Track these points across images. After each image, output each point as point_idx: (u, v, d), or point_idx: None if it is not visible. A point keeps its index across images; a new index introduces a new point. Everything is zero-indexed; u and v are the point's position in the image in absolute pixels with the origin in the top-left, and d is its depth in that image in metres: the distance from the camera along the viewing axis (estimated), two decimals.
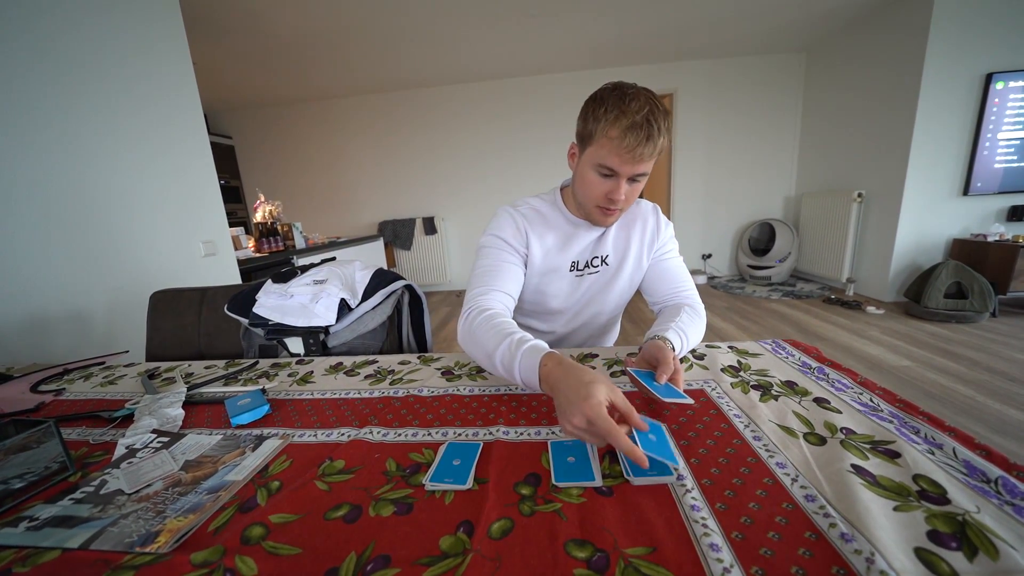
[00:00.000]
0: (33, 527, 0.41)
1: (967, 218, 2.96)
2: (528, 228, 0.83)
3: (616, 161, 0.68)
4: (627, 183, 0.72)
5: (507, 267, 0.79)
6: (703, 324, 0.79)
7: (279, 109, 4.51)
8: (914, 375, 1.98)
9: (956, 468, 0.41)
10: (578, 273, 0.87)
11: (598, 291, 0.89)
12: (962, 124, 2.79)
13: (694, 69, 3.94)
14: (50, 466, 0.50)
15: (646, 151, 0.66)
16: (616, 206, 0.75)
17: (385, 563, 0.35)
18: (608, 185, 0.72)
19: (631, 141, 0.65)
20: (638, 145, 0.65)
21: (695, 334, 0.74)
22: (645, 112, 0.65)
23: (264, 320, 0.95)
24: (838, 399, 0.56)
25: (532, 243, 0.83)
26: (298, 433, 0.57)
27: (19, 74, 1.29)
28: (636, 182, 0.73)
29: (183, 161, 1.84)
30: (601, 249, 0.86)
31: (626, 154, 0.67)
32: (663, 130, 0.66)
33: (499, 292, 0.76)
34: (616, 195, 0.72)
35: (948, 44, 2.66)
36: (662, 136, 0.66)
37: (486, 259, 0.81)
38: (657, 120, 0.65)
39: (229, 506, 0.43)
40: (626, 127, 0.65)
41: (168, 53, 1.81)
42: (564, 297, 0.89)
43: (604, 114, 0.67)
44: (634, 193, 0.75)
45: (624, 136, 0.65)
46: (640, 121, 0.64)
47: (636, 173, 0.70)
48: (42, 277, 1.33)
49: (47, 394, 0.78)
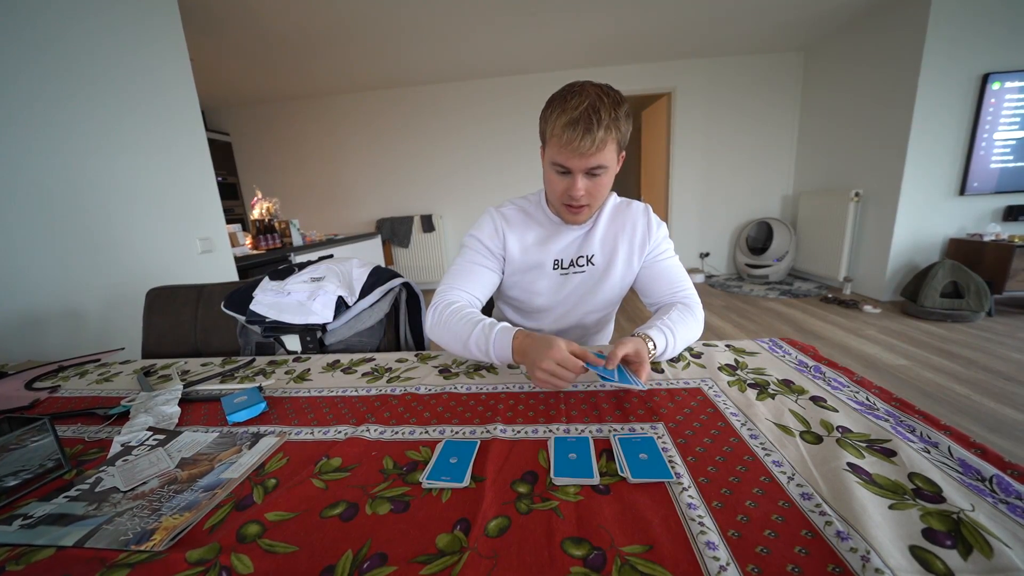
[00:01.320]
0: (27, 525, 0.41)
1: (963, 218, 2.97)
2: (506, 228, 0.86)
3: (563, 157, 0.70)
4: (585, 178, 0.72)
5: (477, 269, 0.84)
6: (697, 322, 0.78)
7: (277, 106, 4.48)
8: (910, 374, 1.99)
9: (951, 467, 0.41)
10: (563, 271, 0.87)
11: (586, 291, 0.89)
12: (959, 124, 2.80)
13: (692, 68, 3.94)
14: (45, 464, 0.49)
15: (585, 144, 0.66)
16: (577, 202, 0.75)
17: (382, 561, 0.35)
18: (565, 182, 0.74)
19: (570, 135, 0.67)
20: (577, 139, 0.66)
21: (685, 331, 0.73)
22: (584, 107, 0.66)
23: (261, 317, 0.95)
24: (834, 398, 0.56)
25: (509, 242, 0.86)
26: (295, 431, 0.57)
27: (15, 70, 1.28)
28: (595, 176, 0.72)
29: (180, 158, 1.83)
30: (587, 249, 0.86)
31: (569, 149, 0.68)
32: (607, 122, 0.66)
33: (464, 292, 0.81)
34: (574, 191, 0.73)
35: (945, 44, 2.66)
36: (604, 128, 0.66)
37: (461, 259, 0.86)
38: (599, 112, 0.66)
39: (225, 504, 0.43)
40: (565, 123, 0.67)
41: (165, 49, 1.79)
42: (549, 295, 0.89)
43: (550, 114, 0.71)
44: (597, 188, 0.74)
45: (563, 132, 0.67)
46: (578, 116, 0.66)
47: (588, 167, 0.70)
48: (37, 273, 1.32)
49: (42, 391, 0.77)
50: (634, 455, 0.46)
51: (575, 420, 0.55)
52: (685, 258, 4.45)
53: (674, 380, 0.65)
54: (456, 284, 0.82)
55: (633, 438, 0.49)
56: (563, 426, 0.54)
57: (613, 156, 0.72)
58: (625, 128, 0.71)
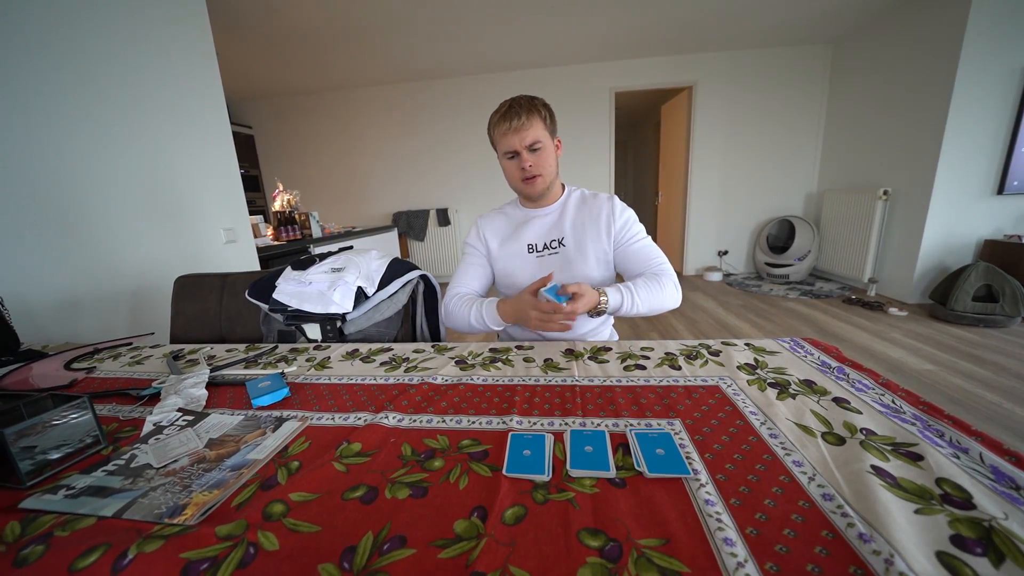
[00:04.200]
0: (71, 495, 0.44)
1: (1000, 218, 2.83)
2: (485, 228, 1.06)
3: (505, 142, 0.91)
4: (528, 153, 0.91)
5: (472, 268, 1.05)
6: (662, 288, 0.90)
7: (297, 99, 4.55)
8: (937, 379, 1.92)
9: (982, 473, 0.40)
10: (538, 254, 1.01)
11: (562, 269, 1.00)
12: (999, 120, 2.66)
13: (714, 61, 3.83)
14: (84, 439, 0.52)
15: (516, 123, 0.88)
16: (529, 173, 0.93)
17: (401, 543, 0.36)
18: (516, 163, 0.94)
19: (504, 123, 0.90)
20: (510, 120, 0.89)
21: (648, 294, 0.88)
22: (509, 103, 0.90)
23: (283, 306, 0.97)
24: (858, 399, 0.55)
25: (488, 238, 1.05)
26: (316, 416, 0.59)
27: (57, 68, 1.34)
28: (536, 150, 0.91)
29: (208, 153, 1.88)
30: (556, 233, 1.01)
31: (508, 131, 0.89)
32: (528, 107, 0.89)
33: (464, 286, 1.03)
34: (523, 164, 0.92)
35: (986, 35, 2.52)
36: (527, 111, 0.89)
37: (461, 263, 1.07)
38: (519, 102, 0.90)
39: (251, 483, 0.45)
40: (499, 117, 0.91)
41: (195, 52, 1.86)
42: (528, 276, 1.00)
43: (490, 122, 0.94)
44: (541, 159, 0.92)
45: (499, 124, 0.90)
46: (507, 109, 0.90)
47: (527, 144, 0.90)
48: (73, 261, 1.38)
49: (79, 372, 0.81)
50: (651, 450, 0.46)
51: (591, 414, 0.55)
52: (703, 256, 4.38)
53: (692, 377, 0.64)
54: (458, 282, 1.03)
55: (650, 433, 0.49)
56: (579, 419, 0.54)
57: (545, 135, 0.92)
58: (544, 112, 0.91)
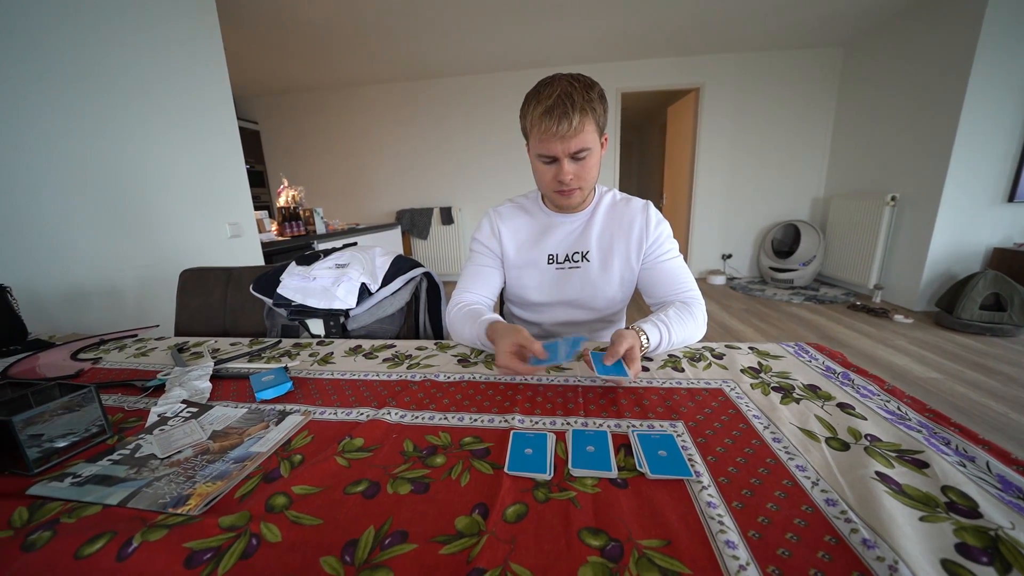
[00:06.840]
0: (77, 483, 0.44)
1: (1011, 226, 2.80)
2: (501, 225, 0.90)
3: (546, 146, 0.73)
4: (570, 162, 0.74)
5: (483, 271, 0.90)
6: (695, 321, 0.77)
7: (303, 95, 4.57)
8: (942, 387, 1.90)
9: (989, 482, 0.39)
10: (558, 266, 0.88)
11: (584, 288, 0.87)
12: (1011, 126, 2.63)
13: (722, 63, 3.82)
14: (90, 428, 0.53)
15: (562, 128, 0.69)
16: (566, 186, 0.77)
17: (403, 538, 0.36)
18: (553, 170, 0.76)
19: (548, 123, 0.70)
20: (555, 124, 0.69)
21: (681, 328, 0.73)
22: (557, 94, 0.69)
23: (287, 301, 0.98)
24: (863, 405, 0.54)
25: (504, 238, 0.90)
26: (319, 410, 0.59)
27: (61, 63, 1.35)
28: (580, 159, 0.75)
29: (214, 147, 1.90)
30: (582, 245, 0.87)
31: (550, 136, 0.71)
32: (581, 104, 0.69)
33: (471, 293, 0.88)
34: (562, 176, 0.75)
35: (1000, 40, 2.50)
36: (579, 111, 0.69)
37: (469, 264, 0.93)
38: (572, 97, 0.69)
39: (254, 476, 0.45)
40: (542, 113, 0.70)
41: (203, 47, 1.88)
42: (544, 290, 0.89)
43: (528, 108, 0.74)
44: (584, 170, 0.76)
45: (541, 121, 0.70)
46: (553, 104, 0.69)
47: (571, 152, 0.73)
48: (80, 253, 1.39)
49: (86, 362, 0.82)
50: (653, 451, 0.46)
51: (593, 414, 0.55)
52: (706, 259, 4.36)
53: (695, 380, 0.64)
54: (466, 287, 0.89)
55: (652, 434, 0.49)
56: (581, 419, 0.54)
57: (594, 138, 0.74)
58: (600, 108, 0.73)
